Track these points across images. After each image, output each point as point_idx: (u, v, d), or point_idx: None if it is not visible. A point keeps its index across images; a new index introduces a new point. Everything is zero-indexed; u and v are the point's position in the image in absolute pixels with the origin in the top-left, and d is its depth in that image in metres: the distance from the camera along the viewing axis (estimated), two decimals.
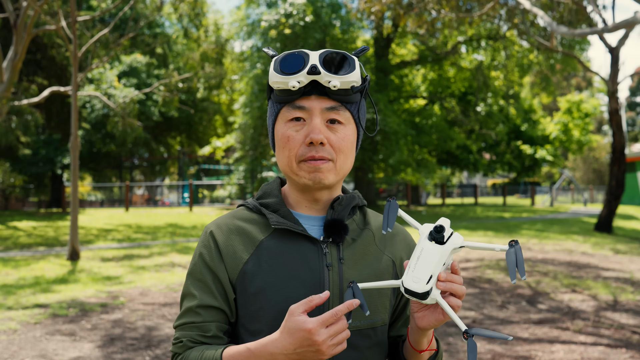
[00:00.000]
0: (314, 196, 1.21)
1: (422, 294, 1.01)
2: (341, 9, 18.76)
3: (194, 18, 20.89)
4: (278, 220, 1.18)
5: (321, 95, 1.14)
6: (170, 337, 5.30)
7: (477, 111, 24.67)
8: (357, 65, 1.14)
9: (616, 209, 15.33)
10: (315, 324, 1.00)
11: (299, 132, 1.16)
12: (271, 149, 21.52)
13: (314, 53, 1.13)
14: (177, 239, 13.38)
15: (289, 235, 1.18)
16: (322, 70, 1.11)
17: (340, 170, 1.18)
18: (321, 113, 1.15)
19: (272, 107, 1.22)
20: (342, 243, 1.18)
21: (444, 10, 12.44)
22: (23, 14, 10.98)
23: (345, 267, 1.17)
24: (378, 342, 1.19)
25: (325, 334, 1.00)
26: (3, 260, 10.07)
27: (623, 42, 14.55)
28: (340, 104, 1.16)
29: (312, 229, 1.21)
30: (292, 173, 1.18)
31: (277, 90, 1.16)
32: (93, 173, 30.65)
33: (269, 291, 1.14)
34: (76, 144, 10.24)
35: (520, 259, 1.00)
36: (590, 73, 28.15)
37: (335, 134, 1.16)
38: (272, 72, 1.15)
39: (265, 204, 1.23)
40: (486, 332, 0.99)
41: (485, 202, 33.87)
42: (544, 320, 5.97)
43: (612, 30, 8.25)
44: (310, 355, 1.01)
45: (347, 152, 1.18)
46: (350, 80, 1.13)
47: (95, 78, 21.33)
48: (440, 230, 1.04)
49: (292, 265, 1.16)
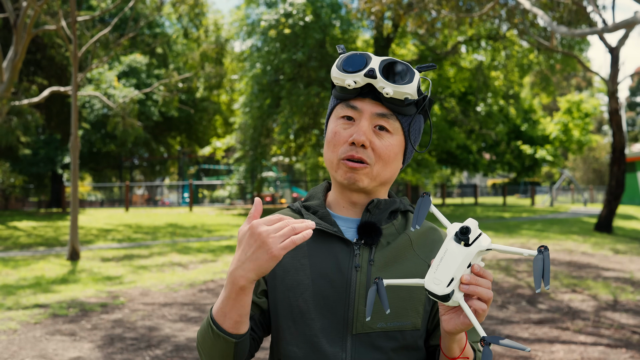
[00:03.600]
0: (351, 198, 1.23)
1: (443, 297, 0.99)
2: (341, 9, 18.76)
3: (194, 18, 20.90)
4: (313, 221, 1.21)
5: (376, 100, 1.16)
6: (170, 336, 5.31)
7: (477, 111, 24.67)
8: (416, 78, 1.15)
9: (616, 209, 15.32)
10: (257, 221, 1.01)
11: (347, 130, 1.18)
12: (271, 149, 21.64)
13: (377, 58, 1.15)
14: (177, 239, 13.38)
15: (323, 236, 1.21)
16: (379, 75, 1.13)
17: (377, 177, 1.19)
18: (371, 117, 1.17)
19: (331, 102, 1.25)
20: (375, 246, 1.19)
21: (444, 10, 12.44)
22: (23, 14, 10.98)
23: (374, 269, 1.17)
24: (406, 346, 1.18)
25: (268, 228, 1.00)
26: (3, 260, 10.07)
27: (623, 42, 14.55)
28: (392, 113, 1.17)
29: (349, 230, 1.22)
30: (332, 169, 1.21)
31: (337, 86, 1.20)
32: (93, 173, 30.66)
33: (297, 289, 1.17)
34: (76, 144, 10.24)
35: (547, 266, 0.96)
36: (590, 73, 28.17)
37: (380, 141, 1.17)
38: (334, 68, 1.18)
39: (307, 205, 1.27)
40: (505, 341, 0.96)
41: (485, 202, 33.87)
42: (544, 320, 5.97)
43: (612, 30, 8.25)
44: (259, 254, 0.99)
45: (387, 160, 1.18)
46: (405, 92, 1.14)
47: (95, 78, 21.33)
48: (465, 232, 1.00)
49: (322, 265, 1.18)
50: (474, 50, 22.02)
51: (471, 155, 28.24)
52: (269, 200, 26.73)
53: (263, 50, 18.53)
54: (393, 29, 17.38)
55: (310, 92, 17.74)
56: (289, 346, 1.17)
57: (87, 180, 33.44)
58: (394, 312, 1.16)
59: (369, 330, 1.15)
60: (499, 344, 0.97)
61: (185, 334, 5.41)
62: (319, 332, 1.15)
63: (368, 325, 1.15)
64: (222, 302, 1.07)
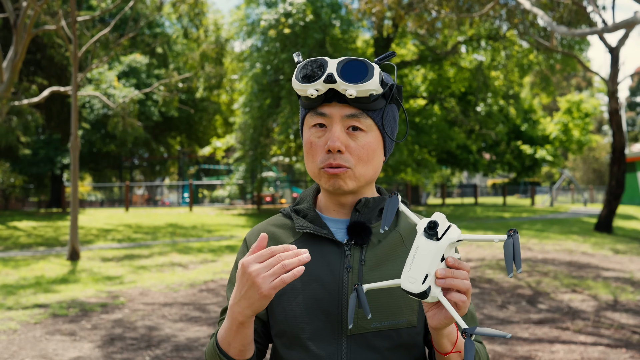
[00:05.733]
0: (339, 200, 1.23)
1: (420, 294, 0.98)
2: (341, 8, 18.75)
3: (193, 18, 20.88)
4: (302, 225, 1.22)
5: (342, 102, 1.15)
6: (170, 336, 5.31)
7: (477, 111, 24.66)
8: (376, 73, 1.13)
9: (616, 209, 15.32)
10: (247, 260, 1.02)
11: (321, 138, 1.18)
12: (271, 149, 21.63)
13: (333, 61, 1.14)
14: (177, 239, 13.38)
15: (314, 239, 1.22)
16: (338, 79, 1.12)
17: (360, 177, 1.19)
18: (341, 120, 1.16)
19: (300, 112, 1.25)
20: (366, 245, 1.19)
21: (444, 10, 12.44)
22: (23, 14, 10.98)
23: (365, 269, 1.17)
24: (403, 345, 1.17)
25: (259, 267, 1.01)
26: (3, 260, 10.07)
27: (623, 42, 14.55)
28: (361, 112, 1.16)
29: (340, 232, 1.23)
30: (316, 178, 1.21)
31: (302, 96, 1.19)
32: (93, 173, 30.65)
33: (290, 293, 1.18)
34: (76, 144, 10.24)
35: (517, 250, 0.95)
36: (590, 73, 28.16)
37: (356, 141, 1.17)
38: (293, 79, 1.17)
39: (297, 209, 1.28)
40: (485, 330, 0.96)
41: (485, 202, 33.87)
42: (544, 320, 5.97)
43: (612, 30, 8.24)
44: (251, 293, 1.01)
45: (367, 159, 1.18)
46: (368, 89, 1.12)
47: (95, 78, 21.32)
48: (433, 227, 1.00)
49: (314, 268, 1.18)
50: (474, 50, 22.01)
51: (471, 155, 28.24)
52: (269, 200, 26.72)
53: (263, 50, 18.53)
54: (393, 29, 17.38)
55: None
56: (286, 350, 1.18)
57: (87, 180, 33.43)
58: (388, 310, 1.15)
59: (363, 331, 1.15)
60: (480, 334, 0.96)
61: (185, 334, 5.41)
62: (313, 335, 1.16)
63: (362, 325, 1.14)
64: (225, 332, 1.11)
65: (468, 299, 1.00)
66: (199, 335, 5.38)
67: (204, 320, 5.90)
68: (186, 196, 26.40)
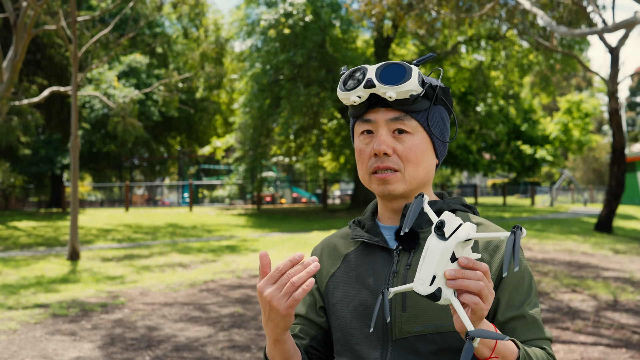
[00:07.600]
0: (392, 206, 1.24)
1: (430, 296, 0.95)
2: (341, 8, 18.76)
3: (194, 18, 20.90)
4: (357, 234, 1.26)
5: (385, 106, 1.17)
6: (170, 336, 5.31)
7: (477, 111, 24.67)
8: (414, 73, 1.14)
9: (616, 209, 15.31)
10: (261, 285, 1.06)
11: (369, 145, 1.20)
12: (271, 149, 21.62)
13: (372, 67, 1.16)
14: (177, 239, 13.38)
15: (369, 247, 1.25)
16: (377, 82, 1.13)
17: (411, 180, 1.19)
18: (386, 124, 1.17)
19: (350, 122, 1.28)
20: (414, 250, 1.19)
21: (443, 10, 12.44)
22: (23, 14, 10.98)
23: (410, 273, 1.17)
24: (449, 349, 1.13)
25: (272, 290, 1.04)
26: (3, 260, 10.07)
27: (623, 42, 14.55)
28: (405, 114, 1.17)
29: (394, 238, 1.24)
30: (367, 185, 1.23)
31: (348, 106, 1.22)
32: (93, 173, 30.68)
33: (344, 301, 1.22)
34: (76, 144, 10.24)
35: (516, 247, 0.91)
36: (590, 73, 28.17)
37: (402, 144, 1.18)
38: (338, 90, 1.20)
39: (360, 219, 1.31)
40: (485, 332, 0.92)
41: (485, 202, 33.86)
42: (544, 320, 5.97)
43: (612, 30, 8.24)
44: (273, 316, 1.06)
45: (416, 161, 1.18)
46: (407, 90, 1.13)
47: (95, 78, 21.33)
48: (440, 226, 0.97)
49: (366, 275, 1.21)
50: (474, 50, 22.01)
51: (471, 155, 28.23)
52: (269, 200, 26.72)
53: (263, 50, 18.53)
54: (393, 29, 17.37)
55: (310, 92, 17.75)
56: (338, 357, 1.23)
57: (87, 180, 33.45)
58: (431, 313, 1.13)
59: (407, 335, 1.14)
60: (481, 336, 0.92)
61: (185, 333, 5.41)
62: (362, 340, 1.18)
63: (406, 329, 1.14)
64: (268, 346, 1.18)
65: (484, 301, 0.96)
66: (199, 335, 5.38)
67: (204, 320, 5.90)
68: (186, 196, 26.40)
